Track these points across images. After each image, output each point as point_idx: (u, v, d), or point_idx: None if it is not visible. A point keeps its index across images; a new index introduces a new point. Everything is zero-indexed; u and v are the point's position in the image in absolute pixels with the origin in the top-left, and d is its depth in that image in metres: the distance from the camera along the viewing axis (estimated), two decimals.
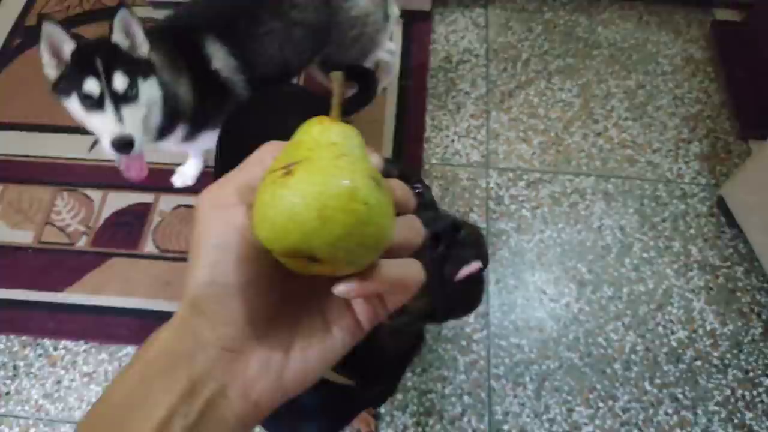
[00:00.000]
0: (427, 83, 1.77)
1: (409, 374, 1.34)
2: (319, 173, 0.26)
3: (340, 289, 0.28)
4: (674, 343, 1.37)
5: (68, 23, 1.91)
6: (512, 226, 1.52)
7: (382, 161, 0.32)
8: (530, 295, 1.44)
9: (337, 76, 0.30)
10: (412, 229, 0.33)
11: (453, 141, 1.66)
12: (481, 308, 1.41)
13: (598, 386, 1.32)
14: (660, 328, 1.39)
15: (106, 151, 1.16)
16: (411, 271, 0.31)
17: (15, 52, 1.88)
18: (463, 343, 1.38)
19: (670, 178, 1.60)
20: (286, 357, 0.31)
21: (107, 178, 1.60)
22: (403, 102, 1.73)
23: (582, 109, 1.73)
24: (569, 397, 1.31)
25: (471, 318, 1.40)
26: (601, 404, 1.30)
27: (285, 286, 0.31)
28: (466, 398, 1.32)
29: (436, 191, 1.57)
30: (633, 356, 1.35)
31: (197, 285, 0.29)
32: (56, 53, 1.12)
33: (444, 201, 1.56)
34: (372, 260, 0.29)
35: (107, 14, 1.92)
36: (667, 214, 1.55)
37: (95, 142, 1.63)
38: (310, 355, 0.31)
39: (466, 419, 1.30)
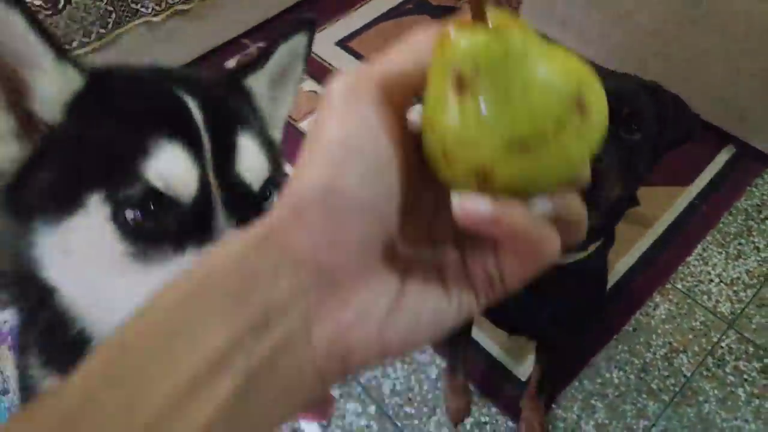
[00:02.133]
0: (721, 216, 1.63)
1: None
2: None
3: (454, 202, 0.22)
4: None
5: None
6: (717, 395, 1.34)
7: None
8: None
9: None
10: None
11: (711, 281, 1.51)
12: None
13: None
14: None
15: None
16: (546, 235, 0.23)
17: (404, 12, 2.25)
18: None
19: None
20: (394, 307, 0.24)
21: None
22: (684, 218, 1.62)
23: None
24: None
25: None
26: None
27: (407, 221, 0.25)
28: None
29: (661, 311, 1.46)
30: None
31: (309, 187, 0.22)
32: None
33: (663, 325, 1.44)
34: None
35: None
36: None
37: None
38: (422, 314, 0.24)
39: None
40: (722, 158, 1.76)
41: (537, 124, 0.22)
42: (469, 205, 0.22)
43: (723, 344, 1.41)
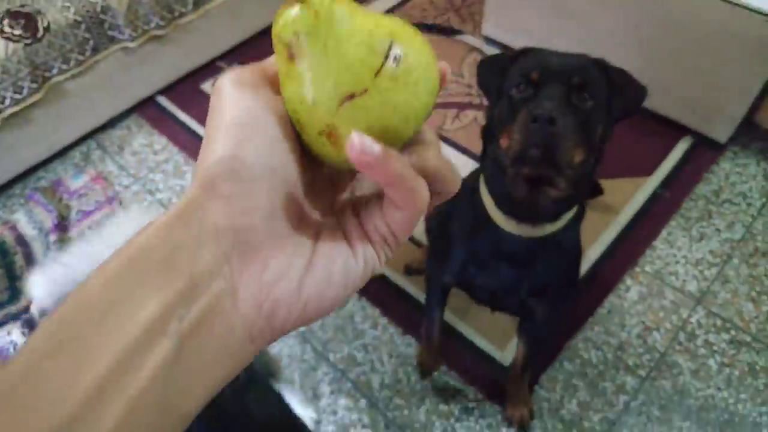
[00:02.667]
0: (682, 202, 1.72)
1: None
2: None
3: (353, 137, 0.23)
4: None
5: None
6: (690, 367, 1.41)
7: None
8: None
9: None
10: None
11: (678, 262, 1.60)
12: (611, 416, 1.34)
13: None
14: None
15: None
16: (419, 182, 0.26)
17: None
18: None
19: None
20: (309, 266, 0.26)
21: None
22: (648, 206, 1.71)
23: None
24: None
25: (595, 419, 1.34)
26: None
27: (309, 186, 0.29)
28: None
29: (633, 293, 1.54)
30: None
31: (216, 161, 0.25)
32: None
33: (635, 307, 1.51)
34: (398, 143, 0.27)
35: None
36: None
37: None
38: (334, 272, 0.27)
39: None
40: (681, 149, 1.86)
41: (354, 71, 0.25)
42: (365, 143, 0.23)
43: (693, 320, 1.49)
